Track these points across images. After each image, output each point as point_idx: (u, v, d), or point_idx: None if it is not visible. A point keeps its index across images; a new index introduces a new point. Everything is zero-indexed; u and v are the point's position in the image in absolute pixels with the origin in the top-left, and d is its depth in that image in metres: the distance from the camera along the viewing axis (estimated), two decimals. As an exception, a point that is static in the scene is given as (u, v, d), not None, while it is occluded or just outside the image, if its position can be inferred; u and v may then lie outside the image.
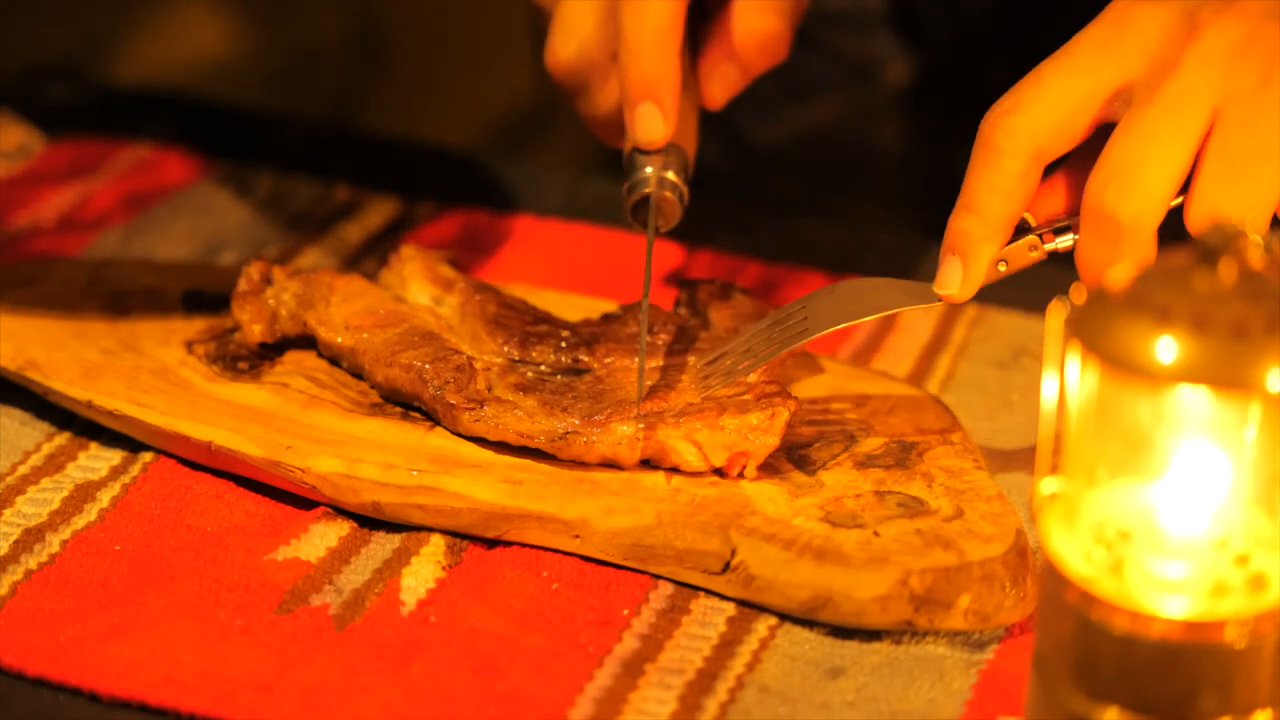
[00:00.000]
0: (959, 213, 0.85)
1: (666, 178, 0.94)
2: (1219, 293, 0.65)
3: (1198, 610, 0.67)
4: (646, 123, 0.93)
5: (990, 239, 0.85)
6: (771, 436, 0.86)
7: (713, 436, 0.86)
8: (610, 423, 0.86)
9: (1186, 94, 0.81)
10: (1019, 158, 0.83)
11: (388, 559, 0.85)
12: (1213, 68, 0.81)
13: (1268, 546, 0.68)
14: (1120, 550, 0.68)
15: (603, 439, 0.86)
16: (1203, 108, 0.81)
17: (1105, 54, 0.82)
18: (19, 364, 0.93)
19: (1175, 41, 0.81)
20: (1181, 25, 0.81)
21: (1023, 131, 0.83)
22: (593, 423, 0.87)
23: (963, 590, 0.81)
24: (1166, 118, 0.81)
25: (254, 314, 0.95)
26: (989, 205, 0.84)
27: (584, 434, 0.87)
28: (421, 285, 0.96)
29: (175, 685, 0.79)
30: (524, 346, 0.91)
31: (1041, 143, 0.83)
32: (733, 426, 0.86)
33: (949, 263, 0.86)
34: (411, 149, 1.23)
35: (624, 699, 0.79)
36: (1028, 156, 0.83)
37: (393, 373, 0.91)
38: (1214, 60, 0.81)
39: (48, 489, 0.89)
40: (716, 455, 0.86)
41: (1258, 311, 0.64)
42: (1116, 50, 0.82)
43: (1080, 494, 0.69)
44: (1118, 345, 0.65)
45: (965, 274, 0.85)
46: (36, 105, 1.22)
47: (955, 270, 0.85)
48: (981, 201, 0.84)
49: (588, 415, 0.87)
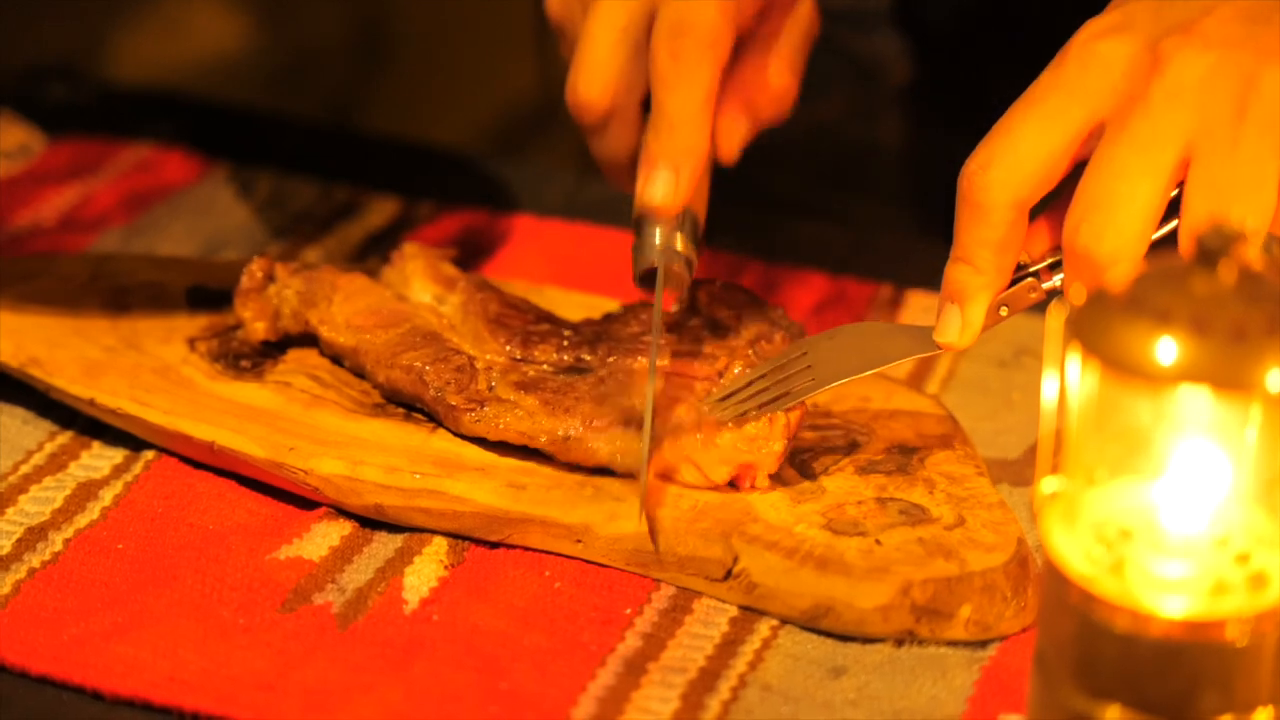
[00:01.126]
0: (953, 264, 0.85)
1: (676, 247, 0.91)
2: (1218, 294, 0.65)
3: (1198, 609, 0.67)
4: (660, 190, 0.90)
5: (986, 288, 0.85)
6: (774, 443, 0.85)
7: (709, 454, 0.86)
8: (611, 429, 0.86)
9: (1156, 130, 0.80)
10: (1001, 210, 0.83)
11: (390, 558, 0.85)
12: (1181, 102, 0.80)
13: (1268, 545, 0.68)
14: (1121, 549, 0.68)
15: (604, 447, 0.86)
16: (1174, 143, 0.81)
17: (1072, 96, 0.82)
18: (21, 361, 0.93)
19: (1140, 75, 0.81)
20: (1145, 58, 0.81)
21: (1000, 186, 0.82)
22: (594, 429, 0.87)
23: (964, 600, 0.81)
24: (1136, 155, 0.81)
25: (257, 311, 0.95)
26: (980, 257, 0.84)
27: (586, 439, 0.87)
28: (424, 283, 0.96)
29: (178, 684, 0.79)
30: (526, 345, 0.91)
31: (1021, 193, 0.83)
32: (727, 442, 0.86)
33: (948, 311, 0.86)
34: (411, 149, 1.23)
35: (627, 698, 0.79)
36: (1009, 208, 0.83)
37: (394, 374, 0.91)
38: (1182, 94, 0.80)
39: (50, 488, 0.89)
40: (717, 472, 0.86)
41: (1257, 313, 0.64)
42: (1082, 91, 0.82)
43: (1081, 493, 0.69)
44: (1117, 346, 0.65)
45: (964, 323, 0.85)
46: (37, 105, 1.22)
47: (954, 319, 0.85)
48: (973, 254, 0.84)
49: (589, 419, 0.87)
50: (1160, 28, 0.81)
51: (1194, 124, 0.80)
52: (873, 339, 0.88)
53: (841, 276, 1.07)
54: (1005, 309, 0.86)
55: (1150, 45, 0.81)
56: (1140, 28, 0.82)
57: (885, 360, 0.87)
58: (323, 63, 2.07)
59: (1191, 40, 0.80)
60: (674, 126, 0.90)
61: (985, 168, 0.82)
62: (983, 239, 0.83)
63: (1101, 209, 0.81)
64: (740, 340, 0.91)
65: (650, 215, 0.90)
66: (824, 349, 0.88)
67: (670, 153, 0.90)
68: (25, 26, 1.76)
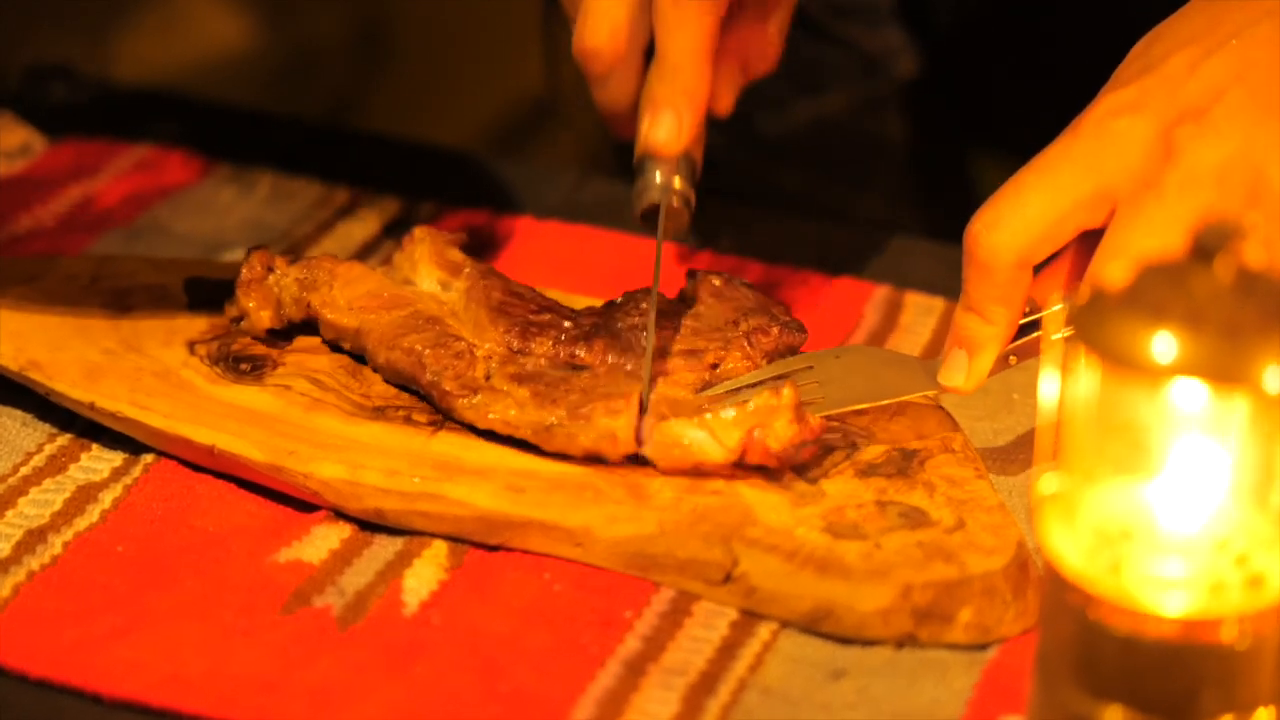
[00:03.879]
0: (962, 313, 0.88)
1: (675, 186, 0.95)
2: (1215, 291, 0.65)
3: (1197, 609, 0.67)
4: (665, 130, 0.94)
5: (995, 339, 0.88)
6: (784, 411, 0.85)
7: (722, 418, 0.86)
8: (594, 416, 0.87)
9: (1169, 216, 0.83)
10: (1006, 270, 0.85)
11: (390, 560, 0.85)
12: (1194, 191, 0.82)
13: (1266, 545, 0.68)
14: (1119, 549, 0.68)
15: (586, 432, 0.87)
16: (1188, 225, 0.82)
17: (1084, 170, 0.84)
18: (21, 364, 0.93)
19: (1154, 160, 0.83)
20: (1158, 145, 0.83)
21: (1005, 248, 0.85)
22: (578, 415, 0.87)
23: (964, 604, 0.81)
24: (1149, 240, 0.83)
25: (260, 301, 0.95)
26: (988, 310, 0.87)
27: (567, 426, 0.87)
28: (430, 268, 0.96)
29: (178, 686, 0.79)
30: (524, 336, 0.92)
31: (1025, 254, 0.85)
32: (741, 407, 0.85)
33: (955, 356, 0.88)
34: (412, 149, 1.23)
35: (626, 700, 0.79)
36: (1014, 267, 0.85)
37: (395, 355, 0.91)
38: (1196, 184, 0.82)
39: (50, 490, 0.89)
40: (729, 436, 0.86)
41: (1252, 310, 0.64)
42: (1096, 166, 0.84)
43: (1079, 493, 0.69)
44: (1115, 343, 0.65)
45: (971, 369, 0.88)
46: (38, 105, 1.22)
47: (962, 364, 0.88)
48: (981, 306, 0.87)
49: (574, 408, 0.87)
50: (1174, 110, 0.83)
51: (1205, 211, 0.82)
52: (879, 367, 0.91)
53: (841, 276, 1.07)
54: (1014, 357, 0.89)
55: (1164, 131, 0.83)
56: (1155, 109, 0.84)
57: (890, 394, 0.90)
58: (323, 63, 2.07)
59: (1205, 131, 0.83)
60: (677, 71, 0.94)
61: (991, 229, 0.85)
62: (988, 294, 0.86)
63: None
64: (737, 332, 0.91)
65: (652, 157, 0.95)
66: (831, 368, 0.90)
67: (673, 96, 0.94)
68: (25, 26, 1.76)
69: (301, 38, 2.06)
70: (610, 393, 0.88)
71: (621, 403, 0.87)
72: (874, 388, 0.90)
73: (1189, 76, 0.84)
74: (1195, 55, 0.84)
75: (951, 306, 1.03)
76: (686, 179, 0.96)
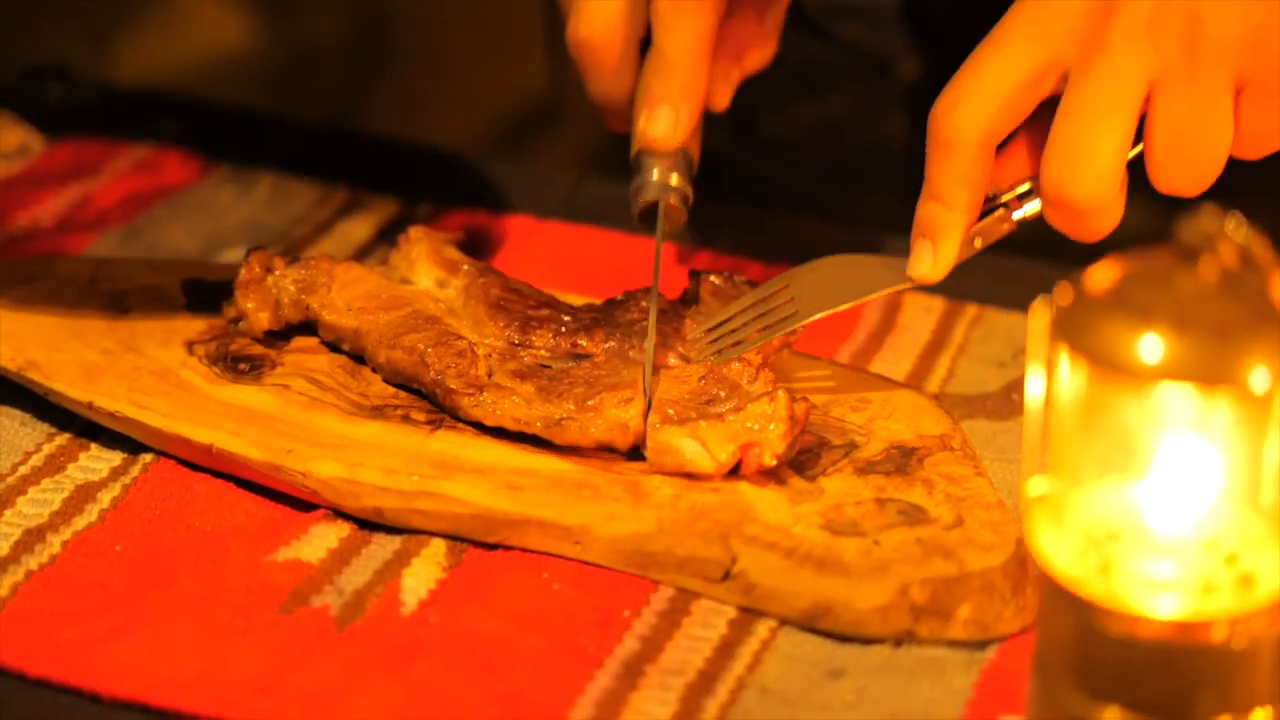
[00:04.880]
0: (925, 201, 0.89)
1: (673, 183, 0.95)
2: (1201, 291, 0.65)
3: (1188, 610, 0.67)
4: (662, 126, 0.95)
5: (958, 224, 0.88)
6: (779, 423, 0.86)
7: (716, 431, 0.86)
8: (605, 407, 0.87)
9: (1119, 73, 0.84)
10: (970, 146, 0.87)
11: (388, 560, 0.85)
12: (1138, 43, 0.84)
13: (1256, 545, 0.68)
14: (1109, 550, 0.68)
15: (596, 423, 0.87)
16: (1137, 83, 0.85)
17: (1035, 37, 0.86)
18: (19, 364, 0.93)
19: (1097, 18, 0.85)
20: (1098, 2, 0.85)
21: (968, 124, 0.86)
22: (587, 407, 0.87)
23: (962, 600, 0.81)
24: (1105, 97, 0.85)
25: (259, 302, 0.95)
26: (951, 193, 0.88)
27: (578, 419, 0.87)
28: (427, 267, 0.96)
29: (176, 686, 0.79)
30: (524, 331, 0.92)
31: (988, 129, 0.87)
32: (736, 419, 0.86)
33: (921, 246, 0.89)
34: (411, 149, 1.23)
35: (624, 700, 0.79)
36: (978, 144, 0.87)
37: (395, 355, 0.91)
38: (1137, 36, 0.84)
39: (48, 489, 0.89)
40: (722, 450, 0.86)
41: (1238, 310, 0.64)
42: (1045, 32, 0.85)
43: (1068, 494, 0.69)
44: (1100, 344, 0.65)
45: (937, 257, 0.89)
46: (36, 105, 1.22)
47: (927, 254, 0.89)
48: (944, 190, 0.88)
49: (582, 400, 0.87)
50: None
51: (1151, 63, 0.84)
52: (852, 270, 0.92)
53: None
54: (979, 240, 0.90)
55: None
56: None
57: (865, 292, 0.91)
58: (323, 63, 2.07)
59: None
60: (673, 67, 0.95)
61: (953, 107, 0.86)
62: (953, 175, 0.87)
63: (1075, 155, 0.85)
64: None
65: (648, 153, 0.96)
66: (805, 280, 0.92)
67: (670, 92, 0.95)
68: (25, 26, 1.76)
69: (301, 38, 2.06)
70: (616, 382, 0.88)
71: (630, 392, 0.87)
72: (848, 290, 0.91)
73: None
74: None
75: (951, 306, 1.03)
76: (684, 175, 0.96)
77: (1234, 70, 0.84)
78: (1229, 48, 0.84)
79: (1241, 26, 0.83)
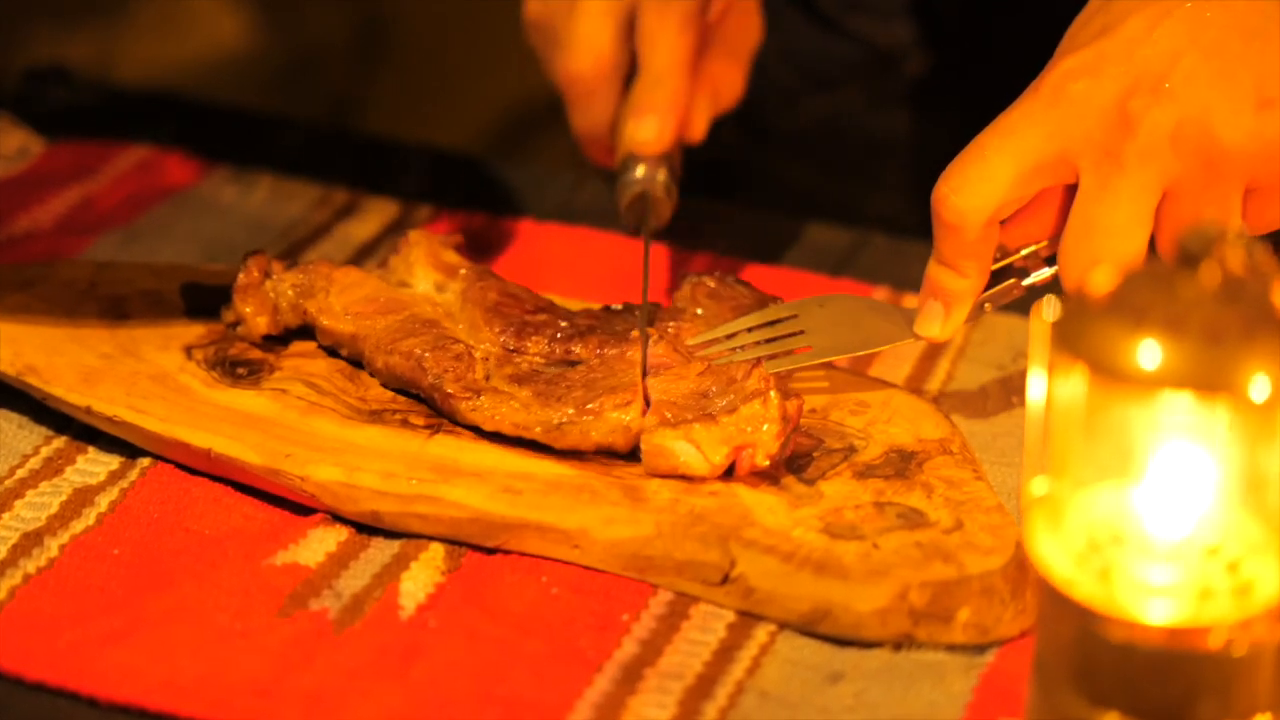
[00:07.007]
0: (934, 266, 0.90)
1: (658, 178, 1.00)
2: (1199, 297, 0.65)
3: (1187, 616, 0.67)
4: (648, 130, 1.00)
5: (969, 291, 0.90)
6: (772, 424, 0.86)
7: (709, 432, 0.86)
8: (604, 411, 0.87)
9: (1137, 191, 0.85)
10: (973, 229, 0.88)
11: (387, 564, 0.85)
12: (1155, 161, 0.84)
13: (1256, 551, 0.68)
14: (1108, 555, 0.68)
15: (597, 426, 0.87)
16: (1153, 195, 0.85)
17: (1045, 133, 0.86)
18: (18, 369, 0.93)
19: (1112, 129, 0.85)
20: (1115, 112, 0.85)
21: (972, 210, 0.87)
22: (587, 411, 0.87)
23: (962, 603, 0.81)
24: (1122, 214, 0.85)
25: (257, 306, 0.95)
26: (960, 264, 0.89)
27: (578, 422, 0.87)
28: (426, 271, 0.97)
29: (174, 690, 0.79)
30: (520, 336, 0.92)
31: (990, 213, 0.88)
32: (729, 420, 0.86)
33: (931, 307, 0.91)
34: (411, 151, 1.23)
35: (623, 704, 0.79)
36: (980, 226, 0.88)
37: (393, 359, 0.91)
38: (1155, 155, 0.84)
39: (46, 493, 0.89)
40: (715, 452, 0.86)
41: (1236, 316, 0.64)
42: (1055, 130, 0.86)
43: (1067, 499, 0.69)
44: (1101, 350, 0.65)
45: (946, 319, 0.91)
46: (36, 107, 1.22)
47: (937, 315, 0.91)
48: (952, 261, 0.89)
49: (582, 404, 0.87)
50: (1130, 76, 0.85)
51: (1168, 177, 0.85)
52: (863, 316, 0.93)
53: (840, 277, 1.07)
54: (988, 305, 0.91)
55: (1121, 99, 0.85)
56: (1112, 74, 0.85)
57: (873, 344, 0.92)
58: (323, 63, 2.07)
59: (1160, 99, 0.84)
60: (660, 80, 1.01)
61: (957, 192, 0.87)
62: (959, 250, 0.89)
63: (1095, 261, 0.85)
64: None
65: (635, 155, 1.01)
66: (816, 316, 0.93)
67: (656, 102, 1.01)
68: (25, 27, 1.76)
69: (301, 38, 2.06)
70: (614, 385, 0.88)
71: (630, 394, 0.87)
72: (857, 337, 0.92)
73: (1145, 40, 0.85)
74: (1152, 17, 0.85)
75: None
76: (669, 173, 1.00)
77: (1245, 179, 0.85)
78: (1241, 161, 0.84)
79: (1253, 142, 0.84)
